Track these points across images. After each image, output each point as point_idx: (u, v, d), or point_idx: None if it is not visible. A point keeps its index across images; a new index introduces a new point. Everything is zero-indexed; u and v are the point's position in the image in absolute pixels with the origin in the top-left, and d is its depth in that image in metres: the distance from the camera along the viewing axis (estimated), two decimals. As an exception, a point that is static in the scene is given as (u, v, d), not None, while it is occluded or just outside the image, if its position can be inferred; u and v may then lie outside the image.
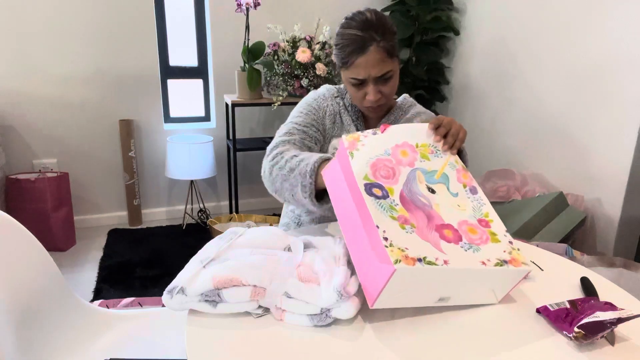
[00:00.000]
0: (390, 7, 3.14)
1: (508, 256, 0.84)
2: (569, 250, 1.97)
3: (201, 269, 0.87)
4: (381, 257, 0.76)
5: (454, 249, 0.81)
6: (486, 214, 0.91)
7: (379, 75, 1.19)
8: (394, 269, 0.73)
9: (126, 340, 1.23)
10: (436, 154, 0.98)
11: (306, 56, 2.76)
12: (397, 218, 0.82)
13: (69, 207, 2.73)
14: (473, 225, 0.88)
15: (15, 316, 1.01)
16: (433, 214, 0.86)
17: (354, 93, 1.25)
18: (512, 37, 2.70)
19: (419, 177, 0.92)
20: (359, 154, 0.91)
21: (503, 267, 0.81)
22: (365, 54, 1.16)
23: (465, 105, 3.13)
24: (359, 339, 0.79)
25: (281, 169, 1.13)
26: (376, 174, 0.89)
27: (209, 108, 3.21)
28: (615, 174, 2.17)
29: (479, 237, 0.85)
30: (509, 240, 0.88)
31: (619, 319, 0.76)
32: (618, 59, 2.11)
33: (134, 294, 2.25)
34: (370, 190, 0.85)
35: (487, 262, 0.81)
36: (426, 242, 0.80)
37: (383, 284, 0.75)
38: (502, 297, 0.91)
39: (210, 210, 3.27)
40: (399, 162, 0.93)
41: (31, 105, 2.73)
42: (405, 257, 0.75)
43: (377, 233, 0.78)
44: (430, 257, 0.77)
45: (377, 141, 0.95)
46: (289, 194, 1.13)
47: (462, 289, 0.84)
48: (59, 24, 2.67)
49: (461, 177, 0.96)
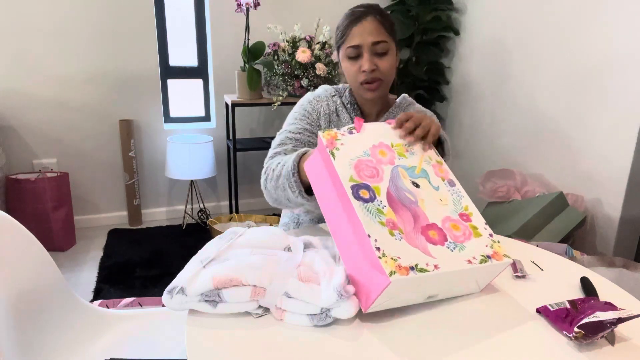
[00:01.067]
0: (390, 7, 3.14)
1: (490, 250, 0.88)
2: (569, 250, 1.97)
3: (201, 269, 0.87)
4: (375, 267, 0.78)
5: (441, 251, 0.84)
6: (466, 207, 0.94)
7: (375, 41, 1.22)
8: (389, 281, 0.75)
9: (126, 340, 1.23)
10: (411, 152, 1.00)
11: (306, 56, 2.76)
12: (386, 223, 0.84)
13: (69, 207, 2.73)
14: (455, 221, 0.91)
15: (15, 316, 1.01)
16: (419, 213, 0.89)
17: (349, 70, 1.27)
18: (512, 37, 2.70)
19: (402, 173, 0.95)
20: (340, 155, 0.92)
21: (487, 262, 0.85)
22: (361, 23, 1.23)
23: (465, 105, 3.13)
24: (359, 339, 0.79)
25: (272, 180, 1.17)
26: (361, 174, 0.90)
27: (209, 108, 3.21)
28: (615, 174, 2.17)
29: (462, 234, 0.89)
30: (489, 233, 0.91)
31: (619, 319, 0.76)
32: (619, 58, 2.11)
33: (134, 294, 2.25)
34: (358, 194, 0.86)
35: (473, 259, 0.85)
36: (415, 248, 0.82)
37: (378, 293, 0.78)
38: (485, 286, 0.96)
39: (210, 210, 3.27)
40: (380, 162, 0.95)
41: (31, 105, 2.73)
42: (399, 267, 0.77)
43: (369, 242, 0.79)
44: (422, 264, 0.79)
45: (354, 142, 0.96)
46: (285, 200, 1.17)
47: (450, 285, 0.88)
48: (59, 24, 2.67)
49: (438, 171, 0.99)
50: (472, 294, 0.95)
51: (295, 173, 1.09)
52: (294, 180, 1.09)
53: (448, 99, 3.29)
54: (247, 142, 3.01)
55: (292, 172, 1.09)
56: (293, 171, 1.09)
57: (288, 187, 1.11)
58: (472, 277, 0.88)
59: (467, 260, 0.84)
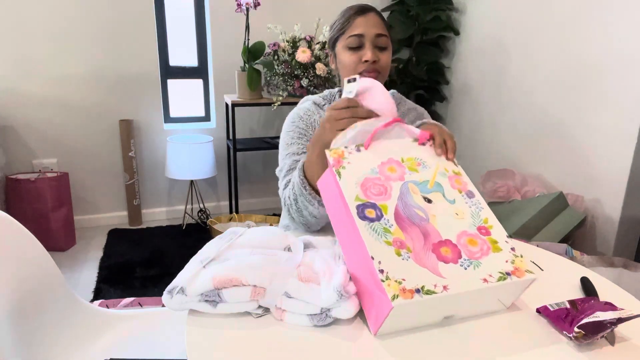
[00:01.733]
0: (390, 7, 3.14)
1: (511, 266, 0.81)
2: (569, 250, 1.97)
3: (201, 269, 0.87)
4: (379, 288, 0.76)
5: (453, 270, 0.78)
6: (485, 220, 0.88)
7: (378, 33, 1.22)
8: (391, 305, 0.72)
9: (126, 340, 1.23)
10: (423, 165, 0.95)
11: (306, 56, 2.76)
12: (392, 242, 0.80)
13: (69, 207, 2.73)
14: (473, 235, 0.85)
15: (15, 316, 1.01)
16: (429, 230, 0.84)
17: (349, 59, 1.23)
18: (512, 37, 2.70)
19: (412, 189, 0.90)
20: (346, 173, 0.89)
21: (506, 280, 0.79)
22: (365, 15, 1.23)
23: (465, 105, 3.13)
24: (359, 339, 0.79)
25: (293, 207, 1.16)
26: (367, 192, 0.87)
27: (209, 108, 3.21)
28: (615, 174, 2.16)
29: (479, 249, 0.83)
30: (510, 247, 0.84)
31: (619, 319, 0.76)
32: (619, 58, 2.11)
33: (134, 294, 2.25)
34: (363, 213, 0.83)
35: (489, 277, 0.78)
36: (423, 268, 0.78)
37: (383, 317, 0.75)
38: (510, 304, 0.89)
39: (210, 210, 3.27)
40: (388, 179, 0.90)
41: (31, 105, 2.73)
42: (403, 290, 0.74)
43: (372, 265, 0.76)
44: (429, 285, 0.75)
45: (361, 159, 0.93)
46: (313, 219, 1.15)
47: (467, 305, 0.83)
48: (59, 24, 2.67)
49: (454, 183, 0.94)
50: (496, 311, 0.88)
51: (307, 186, 1.09)
52: (307, 193, 1.09)
53: (448, 99, 3.29)
54: (247, 142, 3.01)
55: (302, 187, 1.09)
56: (303, 185, 1.09)
57: (308, 203, 1.11)
58: (491, 296, 0.83)
59: (482, 279, 0.78)
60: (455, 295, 0.76)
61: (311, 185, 1.11)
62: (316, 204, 1.10)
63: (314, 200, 1.10)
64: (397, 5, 3.12)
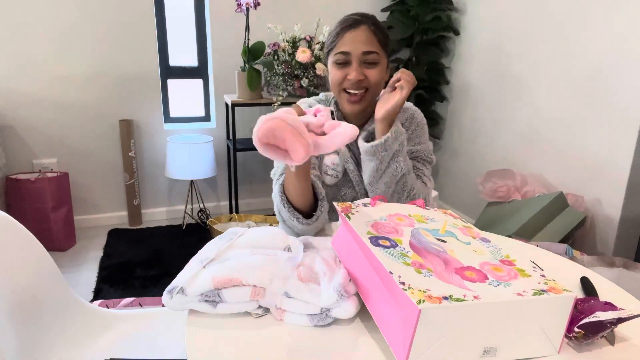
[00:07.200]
0: (390, 7, 3.14)
1: (545, 286, 0.74)
2: (569, 250, 1.97)
3: (201, 269, 0.87)
4: (401, 301, 0.69)
5: (482, 286, 0.72)
6: (507, 256, 0.84)
7: (365, 50, 1.20)
8: (418, 309, 0.64)
9: (126, 340, 1.23)
10: (431, 219, 0.97)
11: (306, 56, 2.76)
12: (411, 264, 0.76)
13: (69, 207, 2.73)
14: (496, 264, 0.80)
15: (15, 316, 1.01)
16: (449, 259, 0.80)
17: (335, 76, 1.24)
18: (512, 37, 2.70)
19: (424, 233, 0.90)
20: (355, 217, 0.92)
21: (543, 295, 0.71)
22: (355, 30, 1.21)
23: (465, 105, 3.13)
24: (359, 339, 0.79)
25: (278, 217, 1.18)
26: (379, 230, 0.87)
27: (209, 108, 3.21)
28: (615, 174, 2.16)
29: (506, 274, 0.77)
30: (540, 274, 0.78)
31: (619, 319, 0.76)
32: (618, 59, 2.11)
33: (134, 294, 2.25)
34: (377, 242, 0.82)
35: (524, 292, 0.71)
36: (448, 284, 0.71)
37: (411, 331, 0.66)
38: (560, 343, 0.76)
39: (210, 210, 3.27)
40: (398, 224, 0.92)
41: (31, 105, 2.73)
42: (429, 296, 0.67)
43: (392, 279, 0.71)
44: (458, 294, 0.68)
45: (369, 211, 0.97)
46: (296, 230, 1.16)
47: (508, 334, 0.72)
48: (60, 24, 2.67)
49: (466, 232, 0.93)
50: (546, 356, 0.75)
51: (286, 203, 1.10)
52: (286, 210, 1.10)
53: (448, 99, 3.29)
54: (247, 142, 3.00)
55: (283, 204, 1.10)
56: (283, 203, 1.10)
57: (292, 220, 1.11)
58: (531, 318, 0.72)
59: (516, 293, 0.71)
60: (488, 304, 0.68)
61: (290, 202, 1.11)
62: (295, 220, 1.11)
63: (293, 217, 1.10)
64: (397, 5, 3.12)
